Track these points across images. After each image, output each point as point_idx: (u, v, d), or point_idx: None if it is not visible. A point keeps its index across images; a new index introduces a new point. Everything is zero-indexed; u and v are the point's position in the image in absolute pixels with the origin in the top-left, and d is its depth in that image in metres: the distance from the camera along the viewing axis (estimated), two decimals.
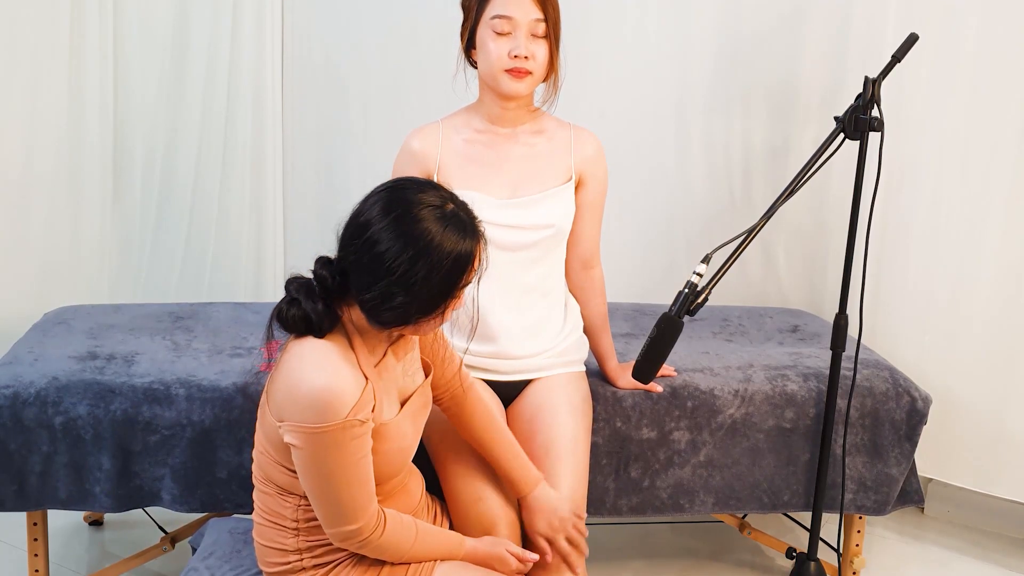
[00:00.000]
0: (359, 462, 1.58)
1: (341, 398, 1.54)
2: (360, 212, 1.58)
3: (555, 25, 2.01)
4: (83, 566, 2.53)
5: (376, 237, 1.54)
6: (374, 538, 1.64)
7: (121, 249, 3.25)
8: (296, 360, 1.58)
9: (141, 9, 3.12)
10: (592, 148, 2.13)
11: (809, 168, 2.11)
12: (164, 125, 3.19)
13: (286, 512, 1.68)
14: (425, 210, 1.54)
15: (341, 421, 1.54)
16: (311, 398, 1.53)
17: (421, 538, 1.71)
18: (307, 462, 1.57)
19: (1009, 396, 2.67)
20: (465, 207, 1.61)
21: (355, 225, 1.58)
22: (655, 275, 3.12)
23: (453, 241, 1.55)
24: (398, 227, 1.53)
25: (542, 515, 1.91)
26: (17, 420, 2.08)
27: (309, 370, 1.55)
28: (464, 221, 1.58)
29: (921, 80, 2.68)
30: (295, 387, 1.55)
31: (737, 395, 2.29)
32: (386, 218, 1.54)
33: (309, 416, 1.53)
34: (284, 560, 1.71)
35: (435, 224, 1.54)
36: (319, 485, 1.58)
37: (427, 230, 1.53)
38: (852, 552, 2.51)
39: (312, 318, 1.59)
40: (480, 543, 1.81)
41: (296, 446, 1.56)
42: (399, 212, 1.54)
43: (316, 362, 1.56)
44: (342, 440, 1.55)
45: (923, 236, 2.75)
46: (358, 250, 1.56)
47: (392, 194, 1.58)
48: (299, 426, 1.54)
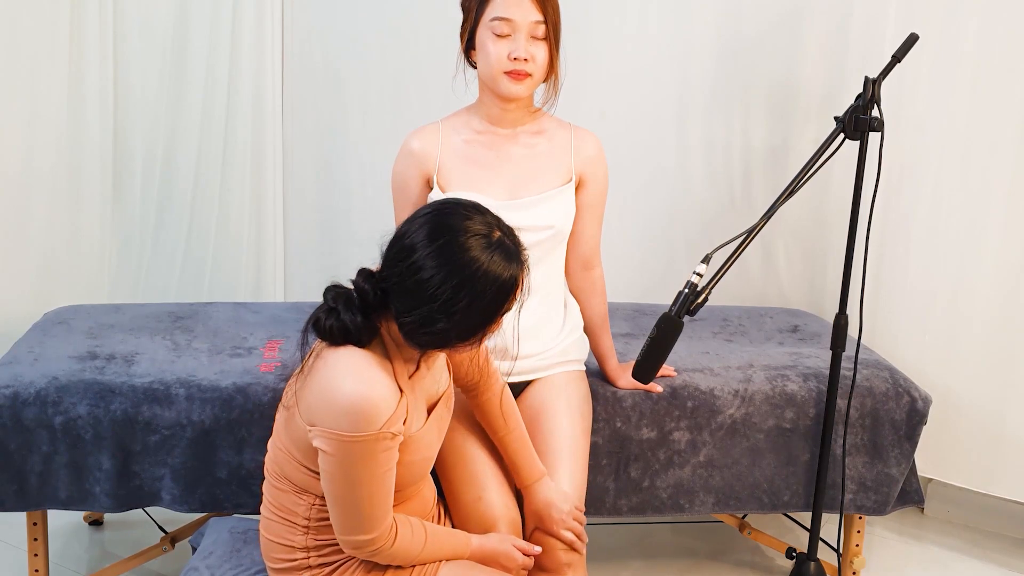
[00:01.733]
0: (385, 474, 1.58)
1: (378, 409, 1.53)
2: (405, 233, 1.56)
3: (555, 26, 2.01)
4: (83, 566, 2.53)
5: (420, 263, 1.52)
6: (385, 548, 1.65)
7: (121, 249, 3.25)
8: (334, 367, 1.56)
9: (141, 9, 3.12)
10: (592, 149, 2.13)
11: (809, 168, 2.11)
12: (164, 125, 3.19)
13: (299, 510, 1.69)
14: (472, 239, 1.53)
15: (375, 432, 1.53)
16: (348, 406, 1.52)
17: (430, 541, 1.72)
18: (334, 469, 1.56)
19: (1009, 396, 2.67)
20: (511, 233, 1.59)
21: (399, 246, 1.56)
22: (655, 275, 3.12)
23: (498, 271, 1.53)
24: (443, 254, 1.52)
25: (544, 506, 1.92)
26: (17, 420, 2.08)
27: (348, 378, 1.54)
28: (510, 249, 1.56)
29: (921, 80, 2.68)
30: (332, 394, 1.54)
31: (737, 395, 2.29)
32: (431, 244, 1.53)
33: (344, 424, 1.53)
34: (290, 557, 1.71)
35: (482, 253, 1.52)
36: (342, 492, 1.58)
37: (473, 259, 1.52)
38: (852, 552, 2.51)
39: (351, 330, 1.57)
40: (486, 540, 1.82)
41: (325, 451, 1.56)
42: (446, 239, 1.52)
43: (355, 371, 1.55)
44: (373, 451, 1.54)
45: (923, 236, 2.75)
46: (401, 273, 1.54)
47: (438, 219, 1.55)
48: (332, 432, 1.54)
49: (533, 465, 1.95)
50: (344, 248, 3.33)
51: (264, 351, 2.34)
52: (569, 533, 1.92)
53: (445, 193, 2.05)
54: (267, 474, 1.75)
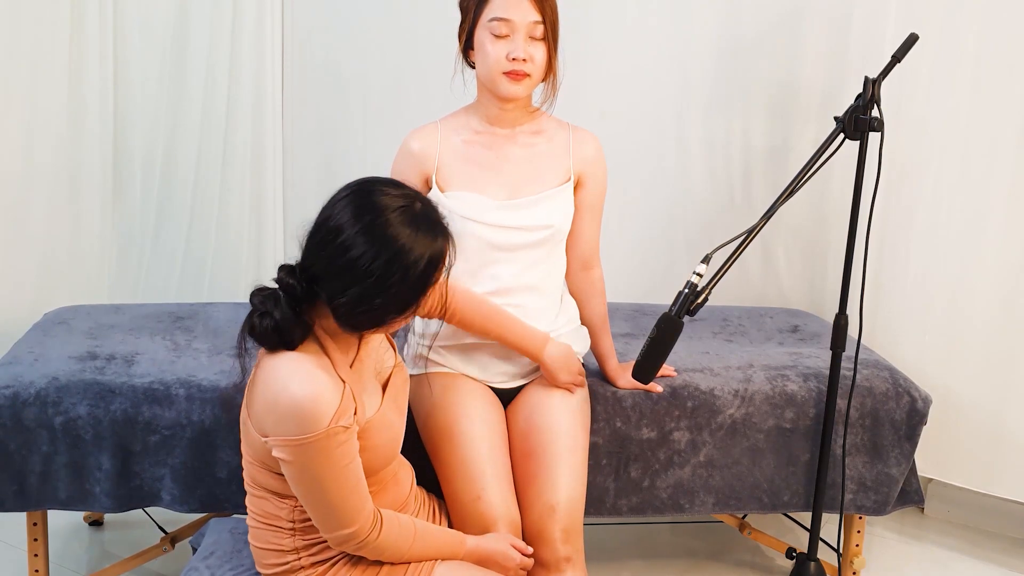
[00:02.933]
0: (347, 467, 1.59)
1: (321, 407, 1.54)
2: (328, 217, 1.58)
3: (553, 27, 2.01)
4: (83, 566, 2.53)
5: (350, 242, 1.54)
6: (371, 539, 1.65)
7: (121, 249, 3.25)
8: (272, 373, 1.58)
9: (141, 9, 3.11)
10: (591, 148, 2.13)
11: (809, 168, 2.11)
12: (164, 125, 3.19)
13: (282, 514, 1.69)
14: (394, 213, 1.55)
15: (324, 430, 1.54)
16: (291, 410, 1.53)
17: (420, 538, 1.72)
18: (296, 473, 1.57)
19: (1009, 396, 2.67)
20: (430, 204, 1.62)
21: (324, 230, 1.57)
22: (655, 275, 3.12)
23: (426, 242, 1.56)
24: (372, 231, 1.54)
25: (561, 369, 2.06)
26: (17, 420, 2.08)
27: (286, 382, 1.55)
28: (433, 220, 1.60)
29: (921, 80, 2.68)
30: (274, 401, 1.55)
31: (737, 395, 2.29)
32: (358, 223, 1.54)
33: (292, 428, 1.54)
34: (282, 561, 1.71)
35: (407, 227, 1.55)
36: (311, 494, 1.59)
37: (400, 233, 1.54)
38: (852, 552, 2.51)
39: (283, 328, 1.58)
40: (483, 540, 1.82)
41: (283, 459, 1.57)
42: (370, 217, 1.55)
43: (292, 373, 1.56)
44: (327, 448, 1.55)
45: (923, 236, 2.75)
46: (330, 255, 1.56)
47: (359, 198, 1.58)
48: (283, 439, 1.55)
49: (535, 339, 2.04)
50: None
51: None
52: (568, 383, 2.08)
53: (444, 193, 2.06)
54: (246, 485, 1.74)
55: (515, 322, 2.03)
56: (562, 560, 1.92)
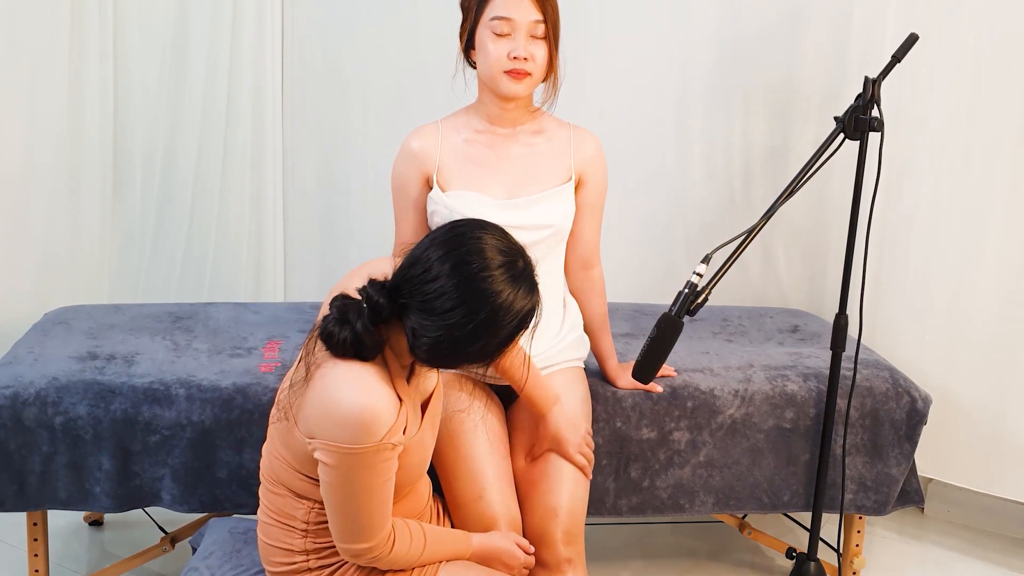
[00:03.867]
0: (384, 483, 1.58)
1: (379, 420, 1.53)
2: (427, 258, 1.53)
3: (554, 26, 2.01)
4: (83, 566, 2.53)
5: (444, 290, 1.50)
6: (383, 554, 1.65)
7: (121, 249, 3.25)
8: (335, 379, 1.55)
9: (141, 9, 3.12)
10: (592, 148, 2.13)
11: (809, 168, 2.11)
12: (164, 125, 3.19)
13: (298, 514, 1.69)
14: (496, 272, 1.51)
15: (376, 443, 1.53)
16: (349, 418, 1.52)
17: (429, 543, 1.72)
18: (335, 480, 1.56)
19: (1009, 396, 2.67)
20: (527, 258, 1.57)
21: (422, 268, 1.53)
22: (655, 275, 3.12)
23: (522, 304, 1.53)
24: (470, 289, 1.50)
25: (564, 430, 2.01)
26: (17, 420, 2.08)
27: (349, 390, 1.53)
28: (531, 279, 1.56)
29: (921, 80, 2.68)
30: (334, 406, 1.54)
31: (737, 395, 2.29)
32: (455, 275, 1.51)
33: (345, 436, 1.52)
34: (290, 560, 1.71)
35: (506, 287, 1.51)
36: (342, 503, 1.58)
37: (498, 293, 1.51)
38: (852, 552, 2.51)
39: (359, 342, 1.55)
40: (487, 538, 1.83)
41: (326, 463, 1.56)
42: (471, 273, 1.51)
43: (356, 382, 1.54)
44: (374, 462, 1.54)
45: (923, 236, 2.75)
46: (425, 296, 1.52)
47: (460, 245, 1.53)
48: (333, 445, 1.53)
49: (546, 394, 2.02)
50: (344, 248, 3.33)
51: (264, 351, 2.34)
52: (581, 458, 2.01)
53: (445, 193, 2.06)
54: (263, 479, 1.74)
55: (534, 374, 2.00)
56: (563, 562, 1.93)
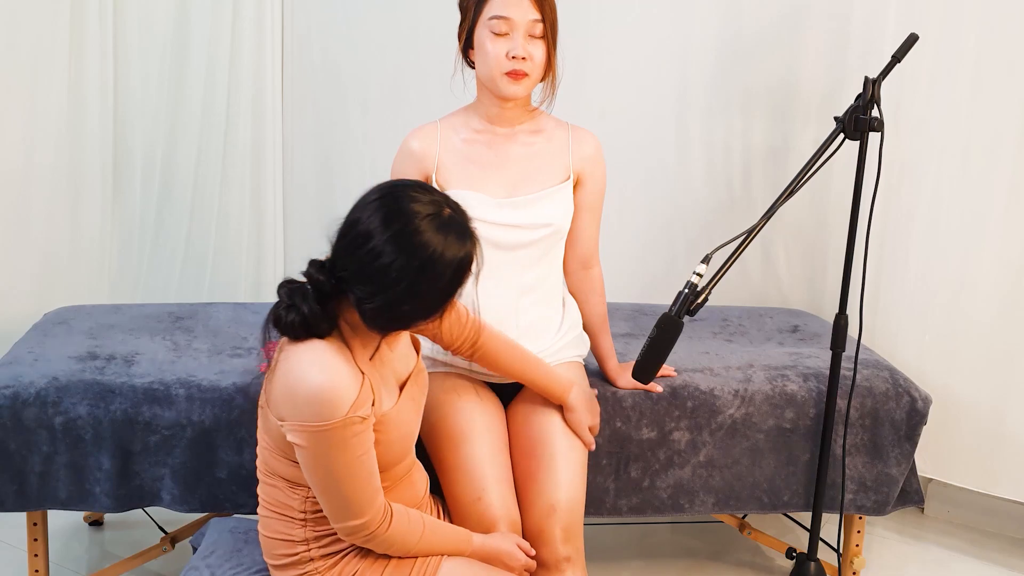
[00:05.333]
0: (362, 457, 1.60)
1: (340, 396, 1.56)
2: (358, 220, 1.58)
3: (552, 25, 2.02)
4: (83, 566, 2.53)
5: (379, 249, 1.55)
6: (380, 532, 1.66)
7: (121, 249, 3.25)
8: (294, 361, 1.60)
9: (141, 8, 3.12)
10: (591, 148, 2.14)
11: (809, 168, 2.11)
12: (164, 125, 3.19)
13: (294, 504, 1.70)
14: (425, 221, 1.56)
15: (342, 419, 1.56)
16: (311, 397, 1.55)
17: (428, 533, 1.73)
18: (311, 460, 1.59)
19: (1009, 396, 2.67)
20: (459, 208, 1.63)
21: (355, 234, 1.58)
22: (655, 275, 3.12)
23: (455, 249, 1.57)
24: (401, 240, 1.54)
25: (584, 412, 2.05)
26: (17, 420, 2.08)
27: (307, 369, 1.57)
28: (462, 225, 1.60)
29: (921, 80, 2.68)
30: (294, 387, 1.57)
31: (737, 395, 2.29)
32: (387, 231, 1.55)
33: (309, 415, 1.55)
34: (292, 551, 1.72)
35: (436, 235, 1.55)
36: (324, 482, 1.61)
37: (430, 241, 1.55)
38: (852, 552, 2.51)
39: (311, 322, 1.60)
40: (489, 538, 1.83)
41: (299, 445, 1.59)
42: (400, 225, 1.55)
43: (313, 361, 1.58)
44: (344, 437, 1.57)
45: (923, 236, 2.75)
46: (360, 260, 1.56)
47: (390, 204, 1.58)
48: (301, 425, 1.57)
49: (560, 384, 2.04)
50: None
51: (264, 351, 2.33)
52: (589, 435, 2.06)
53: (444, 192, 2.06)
54: (259, 473, 1.76)
55: (542, 365, 2.04)
56: (562, 560, 1.92)
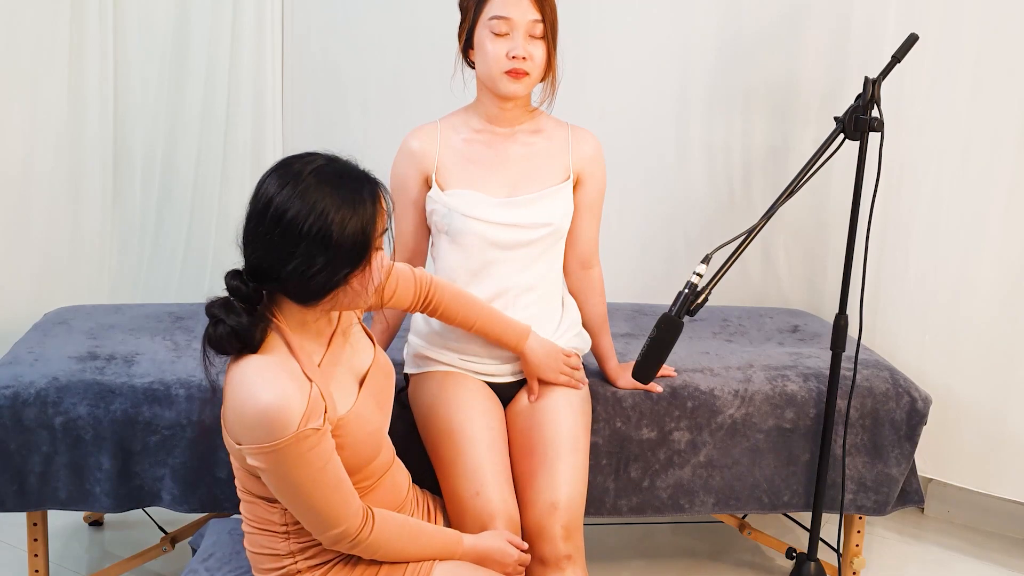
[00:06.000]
0: (324, 468, 1.57)
1: (288, 412, 1.52)
2: (256, 200, 1.58)
3: (552, 25, 2.02)
4: (83, 566, 2.53)
5: (281, 209, 1.53)
6: (363, 537, 1.63)
7: (121, 249, 3.25)
8: (238, 382, 1.56)
9: (141, 9, 3.12)
10: (591, 147, 2.14)
11: (809, 168, 2.11)
12: (164, 125, 3.19)
13: (274, 518, 1.68)
14: (317, 170, 1.56)
15: (294, 434, 1.52)
16: (259, 418, 1.52)
17: (416, 537, 1.71)
18: (274, 480, 1.56)
19: (1009, 396, 2.67)
20: (351, 161, 1.64)
21: (256, 212, 1.57)
22: (655, 275, 3.12)
23: (352, 189, 1.57)
24: (297, 192, 1.54)
25: (541, 362, 2.05)
26: (17, 420, 2.08)
27: (251, 390, 1.54)
28: (355, 171, 1.61)
29: (921, 80, 2.68)
30: (241, 410, 1.54)
31: (737, 395, 2.29)
32: (283, 189, 1.55)
33: (261, 436, 1.52)
34: (279, 565, 1.70)
35: (330, 180, 1.56)
36: (293, 498, 1.58)
37: (324, 187, 1.55)
38: (852, 552, 2.51)
39: (240, 332, 1.57)
40: (480, 538, 1.81)
41: (258, 466, 1.55)
42: (294, 180, 1.55)
43: (256, 380, 1.54)
44: (300, 452, 1.53)
45: (923, 236, 2.75)
46: (267, 231, 1.55)
47: (281, 170, 1.59)
48: (255, 447, 1.54)
49: (516, 331, 2.04)
50: None
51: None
52: (563, 377, 2.06)
53: (444, 192, 2.06)
54: (238, 492, 1.73)
55: (497, 315, 2.05)
56: (563, 558, 1.92)
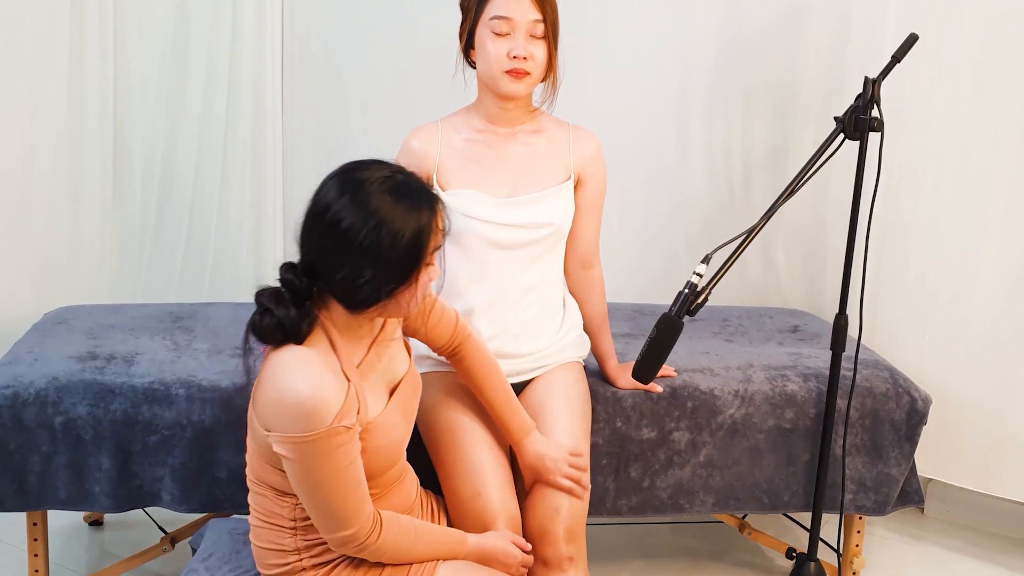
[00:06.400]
0: (348, 467, 1.58)
1: (325, 406, 1.54)
2: (317, 202, 1.61)
3: (553, 25, 2.02)
4: (83, 566, 2.53)
5: (337, 217, 1.56)
6: (371, 542, 1.64)
7: (121, 249, 3.25)
8: (278, 369, 1.58)
9: (141, 8, 3.11)
10: (591, 147, 2.14)
11: (809, 168, 2.11)
12: (164, 125, 3.19)
13: (283, 512, 1.69)
14: (377, 183, 1.58)
15: (327, 429, 1.54)
16: (295, 408, 1.53)
17: (421, 538, 1.72)
18: (296, 471, 1.57)
19: (1009, 396, 2.67)
20: (414, 176, 1.65)
21: (314, 214, 1.60)
22: (655, 275, 3.12)
23: (410, 206, 1.58)
24: (355, 202, 1.56)
25: (536, 459, 1.95)
26: (17, 420, 2.08)
27: (291, 379, 1.55)
28: (416, 186, 1.62)
29: (921, 80, 2.68)
30: (278, 397, 1.56)
31: (737, 395, 2.29)
32: (342, 197, 1.57)
33: (294, 426, 1.54)
34: (283, 561, 1.71)
35: (388, 196, 1.57)
36: (311, 492, 1.59)
37: (383, 203, 1.57)
38: (852, 552, 2.51)
39: (286, 325, 1.59)
40: (484, 538, 1.82)
41: (284, 455, 1.57)
42: (353, 190, 1.58)
43: (297, 370, 1.56)
44: (329, 448, 1.55)
45: (923, 236, 2.75)
46: (321, 235, 1.58)
47: (343, 176, 1.61)
48: (285, 436, 1.55)
49: (522, 422, 1.97)
50: None
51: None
52: (566, 481, 1.94)
53: (445, 191, 2.06)
54: (248, 482, 1.74)
55: (511, 399, 1.98)
56: (565, 560, 1.92)
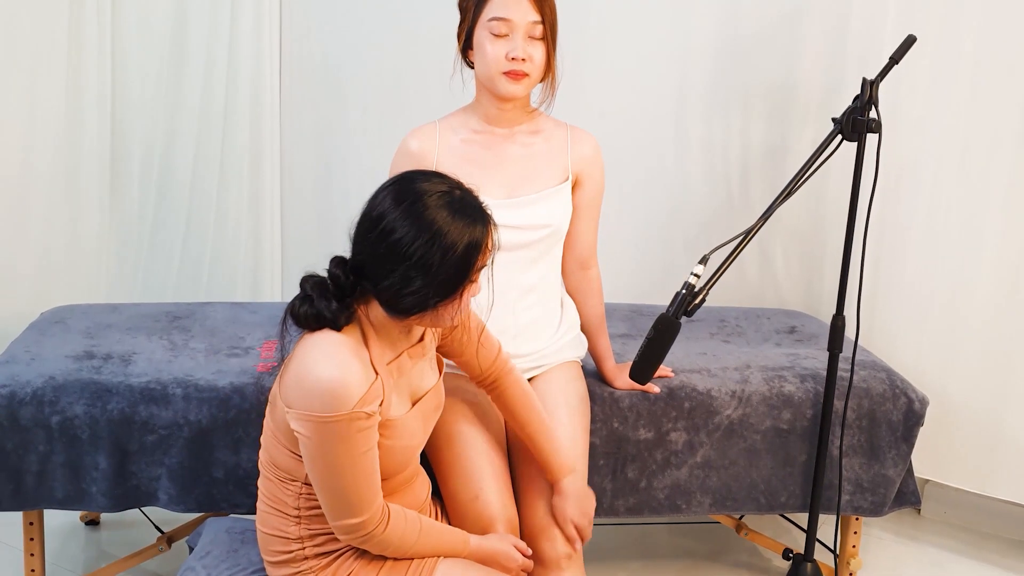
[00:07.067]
0: (364, 455, 1.61)
1: (348, 389, 1.57)
2: (372, 207, 1.63)
3: (552, 26, 2.02)
4: (79, 566, 2.53)
5: (391, 226, 1.59)
6: (377, 533, 1.66)
7: (119, 249, 3.25)
8: (309, 350, 1.61)
9: (140, 8, 3.12)
10: (589, 148, 2.14)
11: (807, 169, 2.11)
12: (162, 125, 3.19)
13: (288, 499, 1.70)
14: (434, 196, 1.60)
15: (348, 412, 1.56)
16: (319, 387, 1.56)
17: (425, 534, 1.73)
18: (313, 452, 1.60)
19: (1006, 397, 2.67)
20: (471, 192, 1.67)
21: (368, 219, 1.63)
22: (653, 276, 3.12)
23: (464, 224, 1.60)
24: (411, 214, 1.59)
25: (573, 501, 1.95)
26: (14, 419, 2.08)
27: (319, 360, 1.59)
28: (473, 206, 1.64)
29: (919, 82, 2.68)
30: (305, 375, 1.59)
31: (734, 396, 2.29)
32: (398, 208, 1.60)
33: (316, 405, 1.56)
34: (286, 548, 1.73)
35: (444, 211, 1.59)
36: (324, 475, 1.61)
37: (438, 215, 1.59)
38: (849, 553, 2.51)
39: (325, 316, 1.63)
40: (486, 539, 1.83)
41: (302, 434, 1.59)
42: (410, 201, 1.60)
43: (327, 353, 1.60)
44: (348, 431, 1.57)
45: (921, 237, 2.76)
46: (373, 241, 1.61)
47: (402, 186, 1.63)
48: (306, 414, 1.57)
49: (562, 461, 1.96)
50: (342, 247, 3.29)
51: (261, 351, 2.34)
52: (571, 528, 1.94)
53: None
54: (260, 465, 1.77)
55: (553, 436, 1.98)
56: (562, 558, 1.93)
